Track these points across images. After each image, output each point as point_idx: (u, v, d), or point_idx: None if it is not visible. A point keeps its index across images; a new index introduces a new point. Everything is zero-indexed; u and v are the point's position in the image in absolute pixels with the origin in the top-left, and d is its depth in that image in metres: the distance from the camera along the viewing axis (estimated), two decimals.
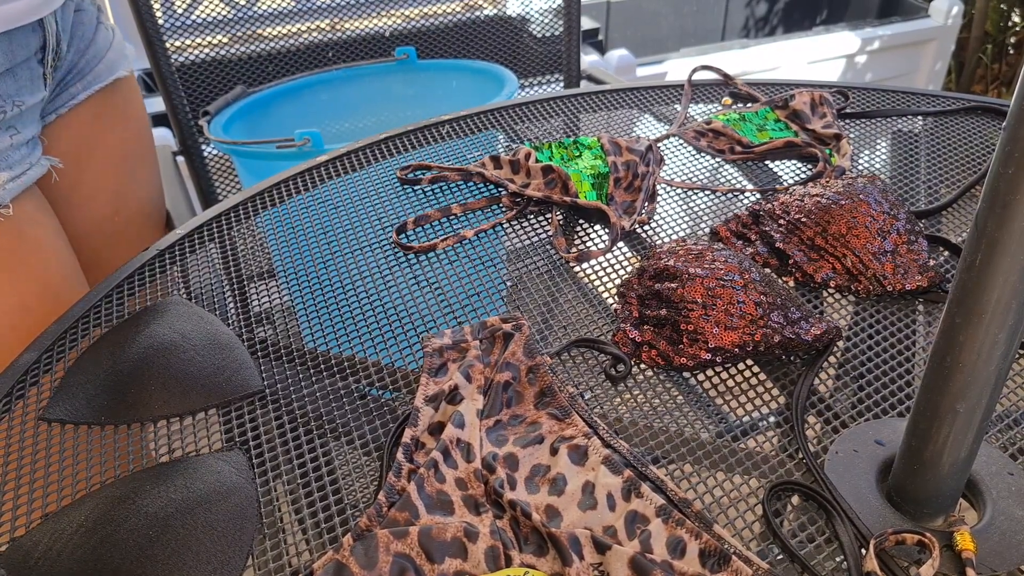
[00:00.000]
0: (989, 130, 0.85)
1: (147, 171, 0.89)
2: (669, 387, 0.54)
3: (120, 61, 0.83)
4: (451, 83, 1.39)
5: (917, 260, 0.62)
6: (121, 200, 0.85)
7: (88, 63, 0.78)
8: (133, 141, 0.86)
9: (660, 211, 0.73)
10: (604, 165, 0.74)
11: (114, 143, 0.83)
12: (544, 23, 1.51)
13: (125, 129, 0.85)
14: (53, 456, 0.51)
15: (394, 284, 0.65)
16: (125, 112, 0.84)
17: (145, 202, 0.89)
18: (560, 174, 0.73)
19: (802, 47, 2.16)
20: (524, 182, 0.75)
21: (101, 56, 0.80)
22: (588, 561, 0.40)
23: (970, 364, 0.38)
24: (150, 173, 0.90)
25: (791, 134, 0.83)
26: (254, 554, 0.44)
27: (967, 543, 0.41)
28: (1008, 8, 2.71)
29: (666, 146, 0.84)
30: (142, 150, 0.88)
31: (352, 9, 1.46)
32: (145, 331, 0.58)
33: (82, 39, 0.77)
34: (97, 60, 0.79)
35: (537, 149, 0.79)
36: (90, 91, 0.79)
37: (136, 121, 0.87)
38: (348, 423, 0.52)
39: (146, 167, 0.88)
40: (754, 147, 0.81)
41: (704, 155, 0.83)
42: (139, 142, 0.87)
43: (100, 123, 0.81)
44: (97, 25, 0.80)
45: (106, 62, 0.80)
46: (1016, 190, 0.34)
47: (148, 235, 0.89)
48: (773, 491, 0.45)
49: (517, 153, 0.77)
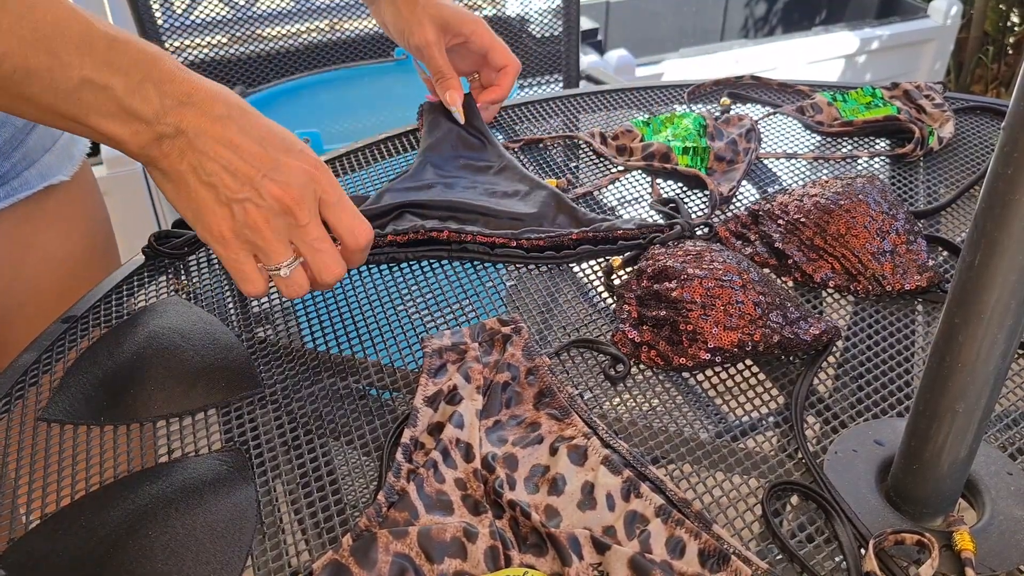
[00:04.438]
0: (988, 130, 0.85)
1: (99, 269, 0.80)
2: (668, 387, 0.54)
3: (60, 165, 0.75)
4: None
5: (916, 260, 0.62)
6: (65, 301, 0.74)
7: (13, 167, 0.71)
8: (78, 247, 0.78)
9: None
10: (702, 138, 0.79)
11: (49, 249, 0.76)
12: (543, 23, 1.51)
13: (62, 235, 0.76)
14: (53, 456, 0.51)
15: (394, 284, 0.65)
16: (63, 217, 0.76)
17: None
18: (659, 148, 0.78)
19: (801, 47, 2.16)
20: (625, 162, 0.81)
21: (34, 160, 0.72)
22: (588, 561, 0.40)
23: (969, 364, 0.38)
24: (103, 271, 0.79)
25: (894, 110, 0.84)
26: (253, 554, 0.44)
27: (966, 543, 0.41)
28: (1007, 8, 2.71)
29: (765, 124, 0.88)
30: (88, 256, 0.80)
31: (352, 9, 1.46)
32: (145, 331, 0.58)
33: (7, 142, 0.69)
34: (26, 164, 0.71)
35: (644, 126, 0.83)
36: (13, 199, 0.71)
37: (82, 226, 0.79)
38: (348, 423, 0.52)
39: (98, 266, 0.80)
40: (852, 122, 0.84)
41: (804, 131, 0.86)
42: (85, 247, 0.79)
43: (28, 230, 0.73)
44: (34, 126, 0.72)
45: (39, 167, 0.73)
46: (1015, 190, 0.34)
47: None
48: (772, 491, 0.45)
49: (621, 137, 0.83)
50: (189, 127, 0.49)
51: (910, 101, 0.87)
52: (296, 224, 0.51)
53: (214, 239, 0.51)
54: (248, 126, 0.50)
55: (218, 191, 0.50)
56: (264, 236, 0.51)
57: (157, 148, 0.49)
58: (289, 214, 0.51)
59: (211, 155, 0.49)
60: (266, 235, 0.51)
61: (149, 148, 0.49)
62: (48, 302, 0.75)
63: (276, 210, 0.50)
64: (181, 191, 0.51)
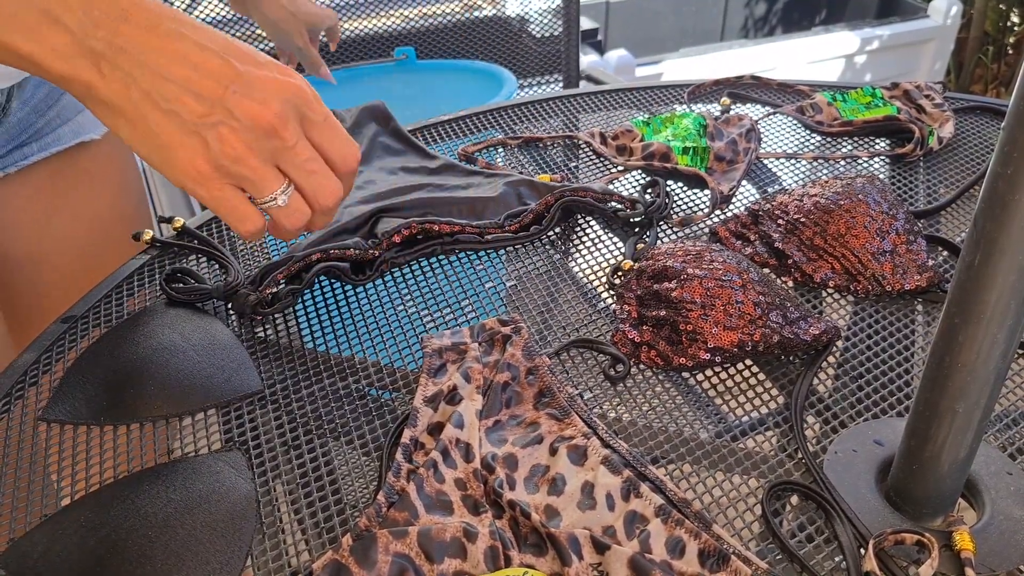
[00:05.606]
0: (988, 130, 0.85)
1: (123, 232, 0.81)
2: (668, 387, 0.54)
3: (94, 124, 0.78)
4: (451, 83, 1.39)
5: (916, 260, 0.62)
6: (89, 260, 0.79)
7: (48, 124, 0.73)
8: (107, 204, 0.80)
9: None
10: (702, 138, 0.79)
11: (79, 205, 0.78)
12: (543, 23, 1.51)
13: (93, 192, 0.79)
14: (53, 456, 0.51)
15: (394, 284, 0.65)
16: (94, 175, 0.78)
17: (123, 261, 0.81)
18: (659, 148, 0.78)
19: (801, 47, 2.16)
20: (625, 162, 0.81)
21: (68, 118, 0.75)
22: (587, 561, 0.40)
23: (969, 364, 0.38)
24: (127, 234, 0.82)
25: (894, 110, 0.84)
26: (254, 554, 0.44)
27: (966, 543, 0.41)
28: (1007, 8, 2.71)
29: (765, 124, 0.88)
30: (118, 214, 0.81)
31: (352, 9, 1.46)
32: (145, 331, 0.59)
33: (43, 99, 0.72)
34: (61, 122, 0.74)
35: (644, 125, 0.84)
36: (46, 152, 0.73)
37: (113, 185, 0.81)
38: (348, 423, 0.52)
39: (122, 229, 0.81)
40: (852, 122, 0.84)
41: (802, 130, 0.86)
42: (115, 206, 0.81)
43: (61, 184, 0.76)
44: None
45: (72, 124, 0.75)
46: (1015, 190, 0.34)
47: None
48: (772, 491, 0.45)
49: (621, 137, 0.83)
50: (131, 45, 0.41)
51: (910, 101, 0.87)
52: (283, 146, 0.44)
53: (191, 179, 0.44)
54: (206, 39, 0.43)
55: (182, 118, 0.42)
56: (249, 164, 0.44)
57: (94, 71, 0.42)
58: (273, 135, 0.44)
59: (166, 75, 0.42)
60: (251, 162, 0.44)
61: (81, 70, 0.42)
62: (74, 255, 0.78)
63: (256, 132, 0.43)
64: (139, 127, 0.43)
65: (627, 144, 0.81)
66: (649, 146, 0.79)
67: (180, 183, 0.44)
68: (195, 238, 0.70)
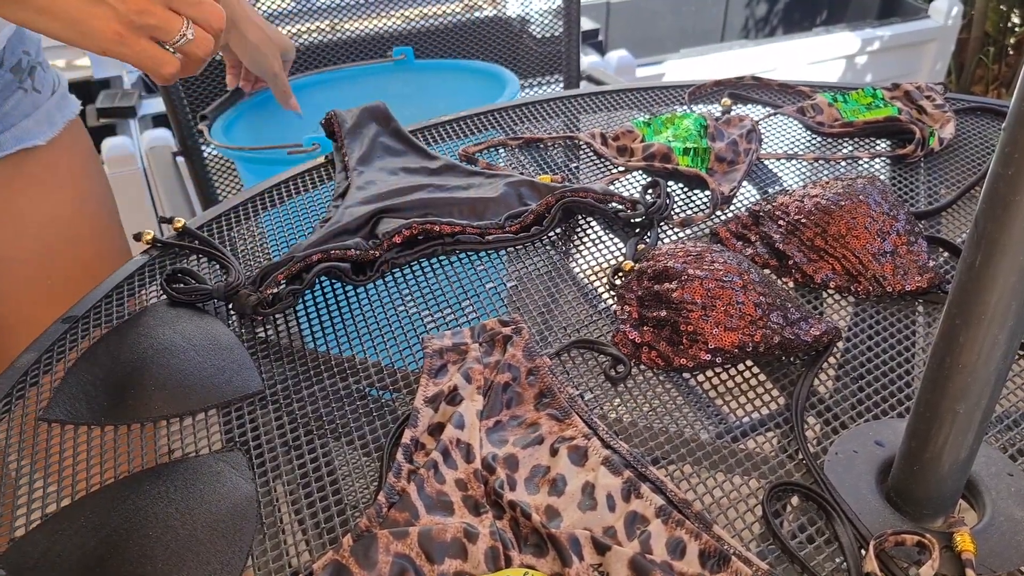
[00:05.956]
0: (989, 131, 0.85)
1: (89, 232, 0.83)
2: (669, 388, 0.54)
3: (39, 131, 0.77)
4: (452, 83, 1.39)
5: (917, 261, 0.62)
6: (50, 263, 0.79)
7: None
8: (67, 207, 0.80)
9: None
10: (702, 139, 0.79)
11: (30, 210, 0.78)
12: (544, 24, 1.51)
13: (45, 196, 0.79)
14: (53, 456, 0.51)
15: (394, 285, 0.65)
16: (44, 180, 0.79)
17: (89, 262, 0.83)
18: (660, 149, 0.78)
19: (802, 48, 2.16)
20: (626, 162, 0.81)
21: (11, 123, 0.75)
22: (588, 562, 0.40)
23: (970, 365, 0.38)
24: (94, 235, 0.84)
25: (894, 111, 0.84)
26: (254, 554, 0.44)
27: (967, 544, 0.41)
28: (1008, 9, 2.71)
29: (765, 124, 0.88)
30: (82, 215, 0.82)
31: (352, 10, 1.46)
32: (145, 331, 0.59)
33: None
34: (2, 128, 0.74)
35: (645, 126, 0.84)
36: None
37: (68, 188, 0.81)
38: (348, 423, 0.52)
39: (87, 230, 0.83)
40: (853, 123, 0.84)
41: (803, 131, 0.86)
42: (78, 208, 0.82)
43: (8, 190, 0.76)
44: (14, 91, 0.75)
45: (15, 131, 0.75)
46: (1016, 191, 0.34)
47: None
48: (773, 492, 0.45)
49: (622, 138, 0.83)
50: None
51: (911, 102, 0.87)
52: None
53: (112, 42, 0.52)
54: None
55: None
56: (155, 13, 0.53)
57: None
58: None
59: None
60: (155, 11, 0.53)
61: None
62: (34, 259, 0.79)
63: None
64: (48, 12, 0.51)
65: (628, 145, 0.81)
66: (650, 147, 0.79)
67: (104, 50, 0.52)
68: (196, 238, 0.70)
